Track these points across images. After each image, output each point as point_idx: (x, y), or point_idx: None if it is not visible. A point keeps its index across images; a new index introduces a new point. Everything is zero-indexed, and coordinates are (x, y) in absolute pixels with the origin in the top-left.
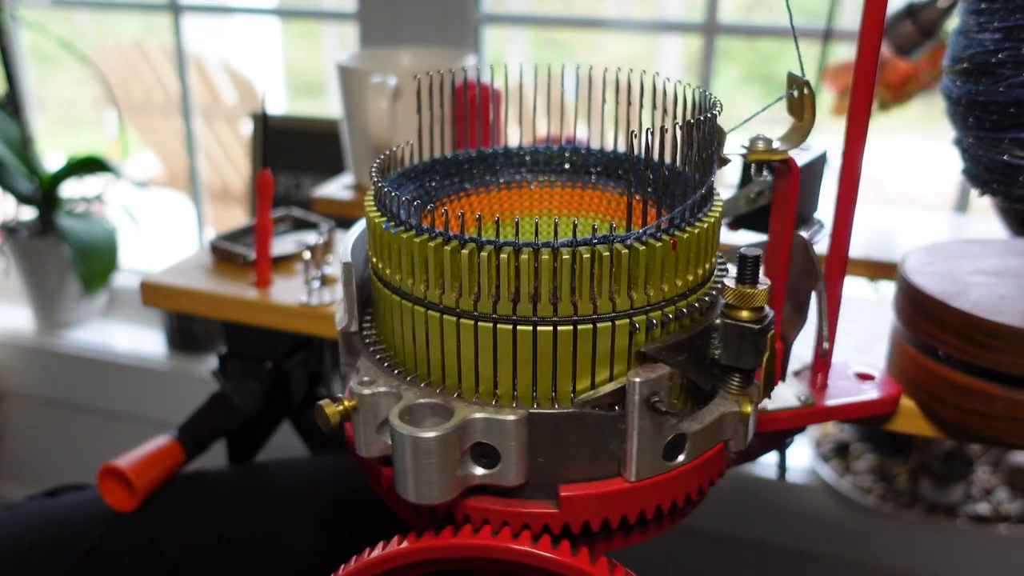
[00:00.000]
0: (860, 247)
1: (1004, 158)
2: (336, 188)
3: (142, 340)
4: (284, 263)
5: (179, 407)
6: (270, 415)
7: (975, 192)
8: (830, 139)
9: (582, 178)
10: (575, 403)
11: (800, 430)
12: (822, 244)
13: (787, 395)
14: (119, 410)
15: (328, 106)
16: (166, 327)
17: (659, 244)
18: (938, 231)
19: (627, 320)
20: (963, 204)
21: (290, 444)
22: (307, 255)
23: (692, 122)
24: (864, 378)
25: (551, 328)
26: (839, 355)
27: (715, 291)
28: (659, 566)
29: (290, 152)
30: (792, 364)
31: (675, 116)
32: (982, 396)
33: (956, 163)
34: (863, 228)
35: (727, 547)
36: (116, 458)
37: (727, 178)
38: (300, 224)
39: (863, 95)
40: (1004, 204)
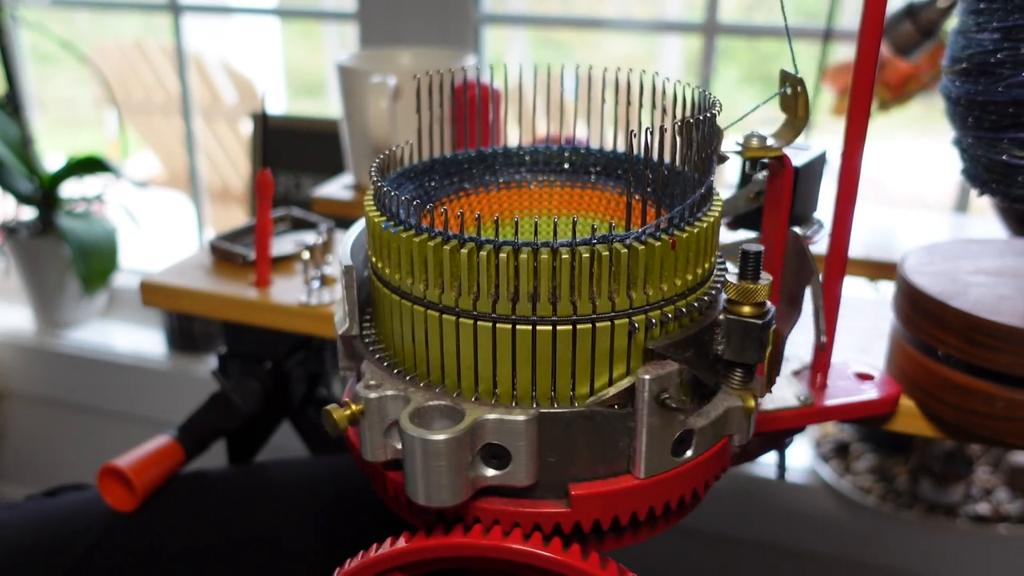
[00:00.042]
0: (860, 247)
1: (1003, 158)
2: (336, 188)
3: (142, 340)
4: (284, 263)
5: (179, 407)
6: (270, 415)
7: (975, 192)
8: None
9: (581, 178)
10: (584, 402)
11: (800, 430)
12: (822, 244)
13: (787, 395)
14: (119, 410)
15: (328, 106)
16: (166, 327)
17: (658, 244)
18: (938, 231)
19: (626, 320)
20: (963, 204)
21: (290, 444)
22: (306, 255)
23: (691, 121)
24: (864, 378)
25: (550, 328)
26: (839, 355)
27: (714, 291)
28: (659, 566)
29: (290, 152)
30: (792, 364)
31: (675, 116)
32: (982, 396)
33: (956, 163)
34: (863, 228)
35: (727, 547)
36: (116, 458)
37: (727, 178)
38: (300, 224)
39: (863, 95)
40: (1003, 204)
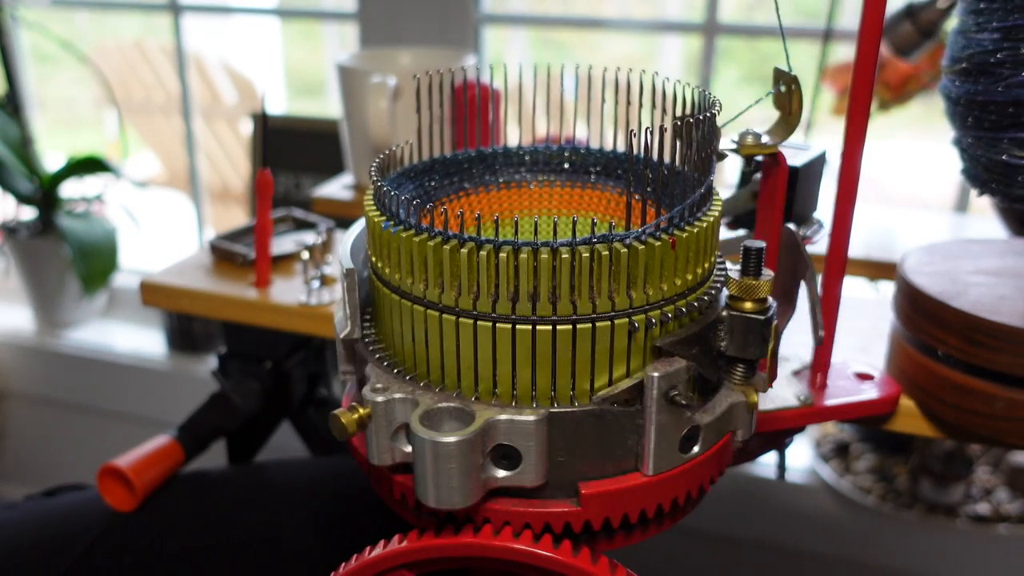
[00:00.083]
0: (860, 247)
1: (1003, 158)
2: (336, 188)
3: (142, 340)
4: (284, 263)
5: (179, 407)
6: (270, 415)
7: (975, 192)
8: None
9: (581, 178)
10: (593, 400)
11: (800, 430)
12: (822, 244)
13: (787, 395)
14: (119, 410)
15: (328, 106)
16: (166, 327)
17: (658, 243)
18: (938, 231)
19: (626, 319)
20: (963, 204)
21: (290, 444)
22: (306, 255)
23: (691, 120)
24: (864, 378)
25: (550, 327)
26: (839, 355)
27: (714, 291)
28: (659, 566)
29: (290, 152)
30: (792, 364)
31: (675, 116)
32: (982, 396)
33: (956, 163)
34: (863, 228)
35: (727, 547)
36: (116, 458)
37: (727, 178)
38: (300, 224)
39: (863, 95)
40: (1003, 204)
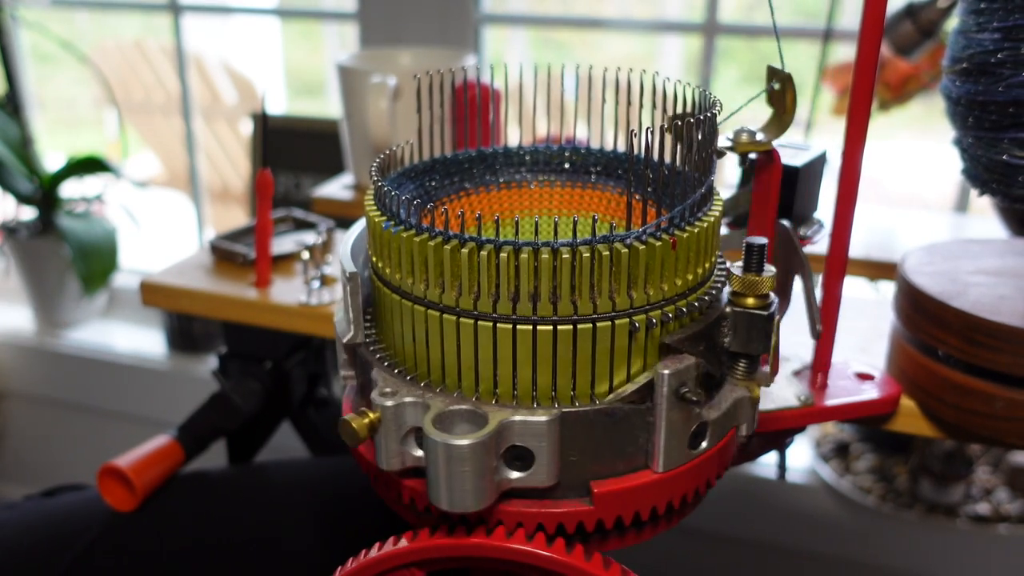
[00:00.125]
0: (860, 247)
1: (1003, 158)
2: (336, 188)
3: (142, 340)
4: (284, 263)
5: (179, 407)
6: (270, 415)
7: (975, 192)
8: (830, 139)
9: (582, 178)
10: (604, 399)
11: (800, 430)
12: (822, 244)
13: (787, 395)
14: (119, 410)
15: (328, 106)
16: (166, 327)
17: (659, 243)
18: (938, 231)
19: (627, 319)
20: (963, 204)
21: (290, 444)
22: (306, 255)
23: (692, 120)
24: (864, 378)
25: (551, 327)
26: (839, 355)
27: (715, 291)
28: (659, 566)
29: (290, 152)
30: (792, 364)
31: (672, 114)
32: (982, 396)
33: (956, 163)
34: (863, 228)
35: (727, 547)
36: (116, 458)
37: (727, 178)
38: (300, 224)
39: (863, 95)
40: (1004, 204)
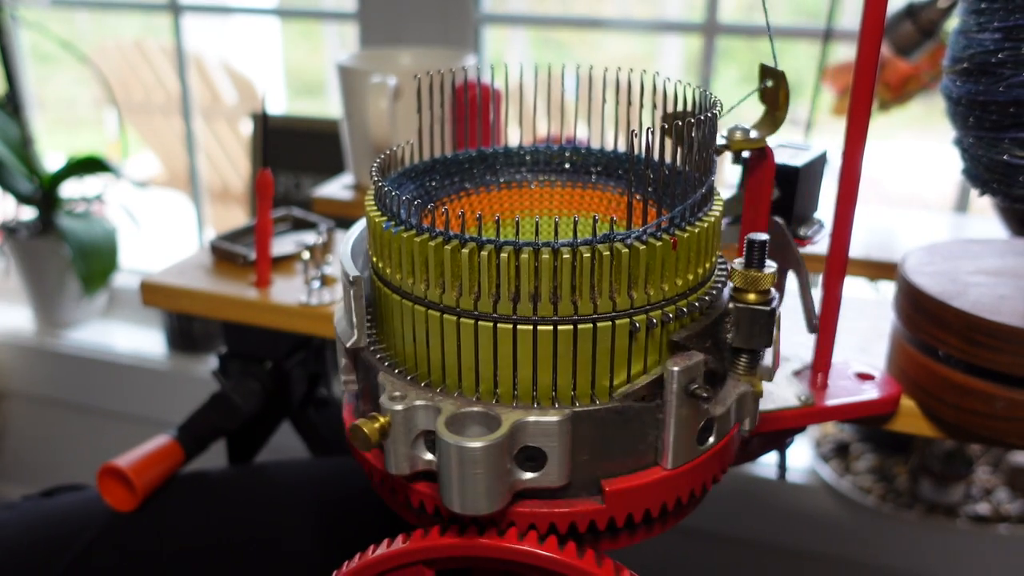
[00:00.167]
0: (860, 247)
1: (1004, 158)
2: (336, 188)
3: (142, 340)
4: (284, 263)
5: (179, 407)
6: (270, 415)
7: (975, 192)
8: (830, 139)
9: (582, 178)
10: (614, 397)
11: (800, 430)
12: (822, 244)
13: (787, 395)
14: (119, 410)
15: (328, 106)
16: (166, 327)
17: (659, 243)
18: (938, 231)
19: (627, 319)
20: (963, 204)
21: (290, 444)
22: (306, 255)
23: (689, 120)
24: (864, 378)
25: (551, 328)
26: (839, 355)
27: (715, 291)
28: (659, 566)
29: (290, 152)
30: (792, 364)
31: (666, 113)
32: (982, 396)
33: (956, 163)
34: (863, 228)
35: (727, 547)
36: (116, 458)
37: (727, 178)
38: (300, 224)
39: (863, 95)
40: (1004, 204)
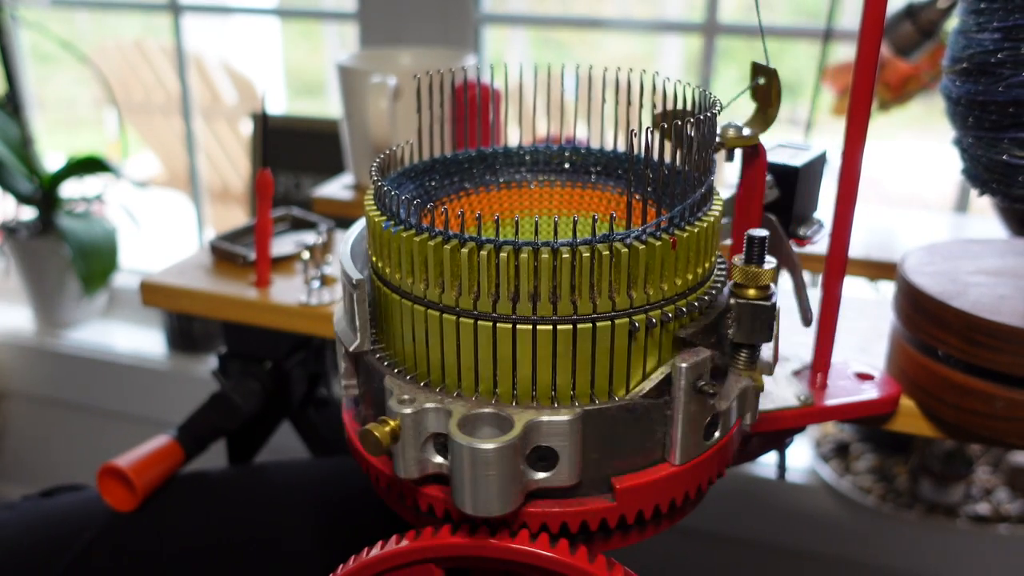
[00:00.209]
0: (860, 247)
1: (1003, 158)
2: (336, 188)
3: (142, 340)
4: (284, 263)
5: (179, 407)
6: (270, 415)
7: (975, 192)
8: (830, 139)
9: (582, 178)
10: (621, 396)
11: (800, 430)
12: (822, 244)
13: (787, 395)
14: (119, 410)
15: (328, 106)
16: (166, 327)
17: (659, 243)
18: (938, 231)
19: (627, 319)
20: (963, 204)
21: (290, 444)
22: (306, 255)
23: (691, 120)
24: (864, 378)
25: (551, 327)
26: (839, 355)
27: (714, 291)
28: (659, 566)
29: (290, 152)
30: (792, 364)
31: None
32: (982, 396)
33: (956, 163)
34: (863, 228)
35: (727, 547)
36: (116, 458)
37: (727, 178)
38: (300, 224)
39: (863, 95)
40: (1004, 204)
